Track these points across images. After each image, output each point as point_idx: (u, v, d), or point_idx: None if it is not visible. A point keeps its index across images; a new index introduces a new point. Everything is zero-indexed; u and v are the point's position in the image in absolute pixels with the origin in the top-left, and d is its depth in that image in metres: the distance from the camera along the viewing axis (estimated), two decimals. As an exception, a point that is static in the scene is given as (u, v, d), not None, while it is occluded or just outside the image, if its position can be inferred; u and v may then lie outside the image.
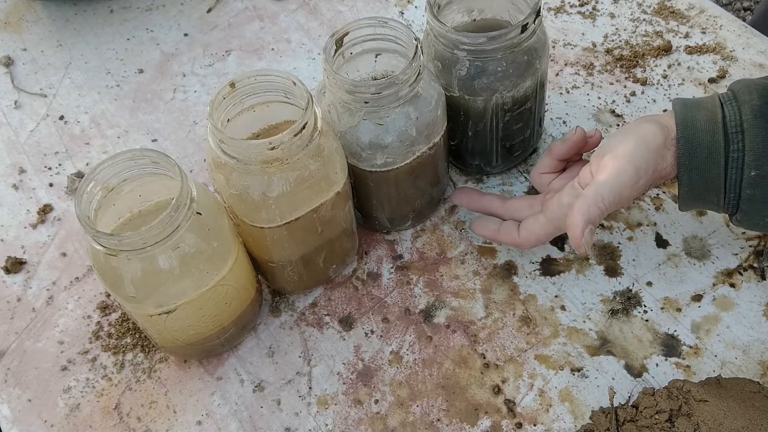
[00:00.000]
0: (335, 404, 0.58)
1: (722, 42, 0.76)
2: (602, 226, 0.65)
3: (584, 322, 0.61)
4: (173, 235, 0.49)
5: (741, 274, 0.62)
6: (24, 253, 0.69)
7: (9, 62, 0.83)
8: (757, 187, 0.51)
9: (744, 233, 0.64)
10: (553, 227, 0.58)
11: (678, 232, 0.64)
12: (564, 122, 0.72)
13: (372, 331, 0.62)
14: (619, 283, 0.62)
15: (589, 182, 0.55)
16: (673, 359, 0.58)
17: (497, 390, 0.58)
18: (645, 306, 0.61)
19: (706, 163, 0.52)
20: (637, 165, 0.53)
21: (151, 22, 0.85)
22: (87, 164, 0.74)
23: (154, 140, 0.76)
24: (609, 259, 0.64)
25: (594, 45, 0.78)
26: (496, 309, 0.62)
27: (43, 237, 0.70)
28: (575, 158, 0.62)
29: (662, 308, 0.61)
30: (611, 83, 0.74)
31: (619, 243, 0.64)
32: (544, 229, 0.58)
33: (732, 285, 0.61)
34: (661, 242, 0.64)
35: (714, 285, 0.62)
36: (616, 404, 0.56)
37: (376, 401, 0.58)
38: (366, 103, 0.55)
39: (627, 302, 0.61)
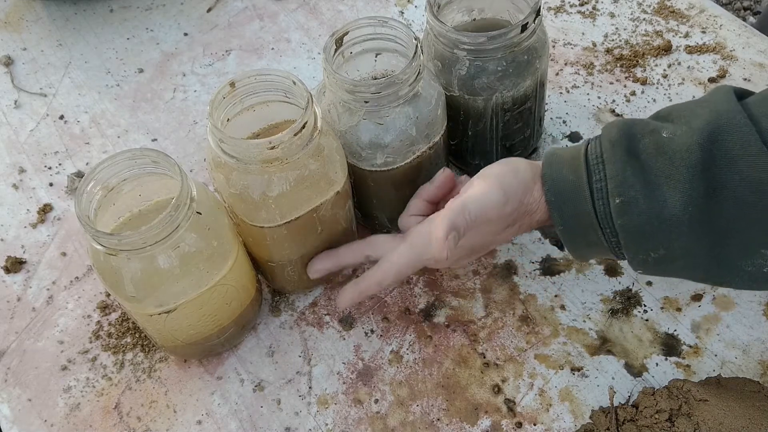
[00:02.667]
0: (335, 404, 0.58)
1: (722, 41, 0.76)
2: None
3: (584, 321, 0.61)
4: (173, 235, 0.49)
5: (741, 273, 0.62)
6: (24, 252, 0.69)
7: (9, 62, 0.83)
8: (625, 215, 0.50)
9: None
10: (414, 255, 0.55)
11: (678, 232, 0.64)
12: (564, 122, 0.72)
13: (372, 331, 0.62)
14: (619, 282, 0.62)
15: None
16: (673, 359, 0.58)
17: (497, 389, 0.58)
18: (645, 305, 0.61)
19: (574, 198, 0.52)
20: (506, 187, 0.53)
21: (151, 22, 0.85)
22: (87, 164, 0.74)
23: (154, 140, 0.76)
24: (609, 259, 0.64)
25: (594, 44, 0.78)
26: (496, 308, 0.62)
27: (43, 236, 0.70)
28: (445, 202, 0.59)
29: (662, 308, 0.61)
30: (611, 83, 0.74)
31: (619, 242, 0.64)
32: (404, 257, 0.55)
33: (732, 284, 0.61)
34: (661, 242, 0.64)
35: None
36: (616, 404, 0.56)
37: (376, 401, 0.58)
38: (366, 102, 0.55)
39: (627, 302, 0.61)
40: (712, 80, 0.73)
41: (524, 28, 0.57)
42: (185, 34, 0.84)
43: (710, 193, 0.48)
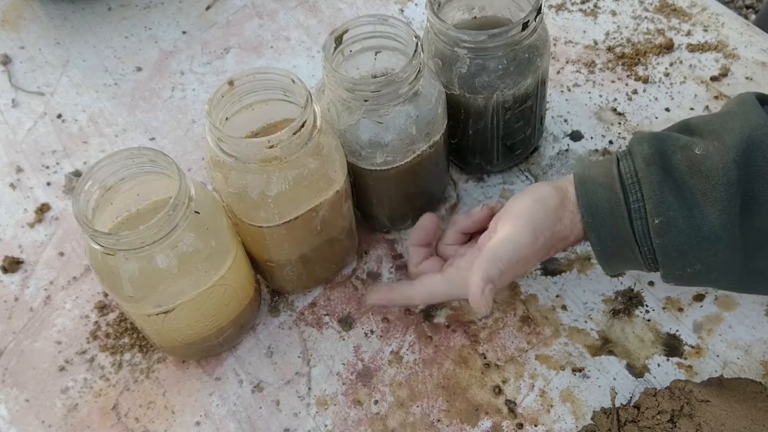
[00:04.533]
0: (335, 405, 0.58)
1: (724, 40, 0.76)
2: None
3: (585, 321, 0.60)
4: (171, 234, 0.49)
5: (743, 273, 0.62)
6: (21, 252, 0.68)
7: (6, 60, 0.82)
8: (665, 235, 0.50)
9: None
10: (448, 288, 0.56)
11: (680, 231, 0.64)
12: (565, 120, 0.72)
13: (372, 331, 0.61)
14: (621, 282, 0.62)
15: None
16: (675, 359, 0.58)
17: (498, 390, 0.57)
18: (647, 306, 0.61)
19: (611, 218, 0.51)
20: (535, 224, 0.52)
21: (149, 20, 0.85)
22: (85, 163, 0.74)
23: (152, 139, 0.75)
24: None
25: (595, 43, 0.77)
26: (496, 309, 0.61)
27: (41, 236, 0.69)
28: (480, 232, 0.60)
29: (664, 308, 0.60)
30: (613, 81, 0.74)
31: (621, 242, 0.64)
32: (438, 287, 0.57)
33: (734, 284, 0.61)
34: (663, 241, 0.64)
35: (716, 284, 0.61)
36: (617, 405, 0.56)
37: (376, 402, 0.58)
38: (366, 101, 0.55)
39: (629, 302, 0.61)
40: (714, 78, 0.73)
41: (525, 26, 0.57)
42: (184, 33, 0.83)
43: (744, 207, 0.49)
